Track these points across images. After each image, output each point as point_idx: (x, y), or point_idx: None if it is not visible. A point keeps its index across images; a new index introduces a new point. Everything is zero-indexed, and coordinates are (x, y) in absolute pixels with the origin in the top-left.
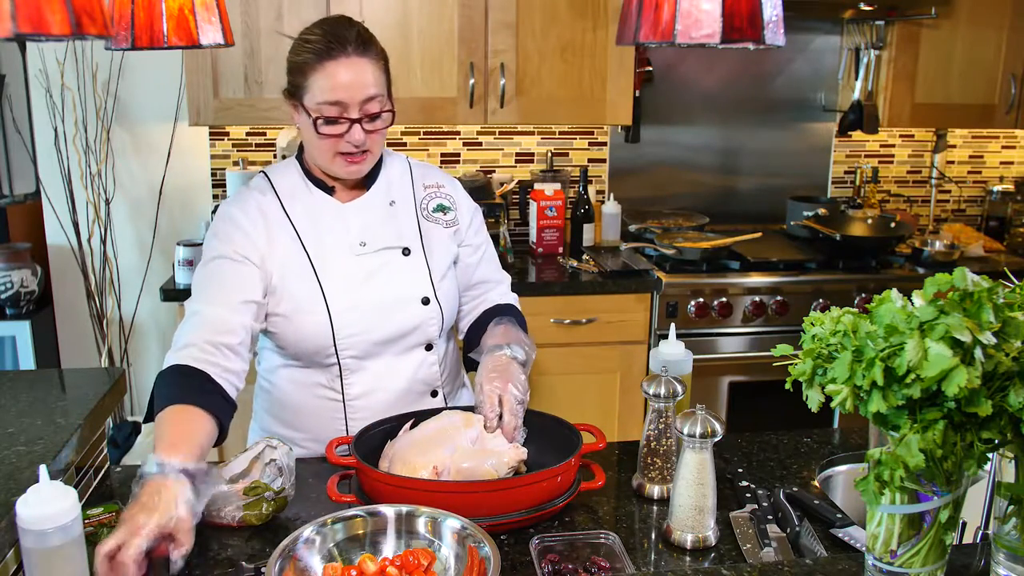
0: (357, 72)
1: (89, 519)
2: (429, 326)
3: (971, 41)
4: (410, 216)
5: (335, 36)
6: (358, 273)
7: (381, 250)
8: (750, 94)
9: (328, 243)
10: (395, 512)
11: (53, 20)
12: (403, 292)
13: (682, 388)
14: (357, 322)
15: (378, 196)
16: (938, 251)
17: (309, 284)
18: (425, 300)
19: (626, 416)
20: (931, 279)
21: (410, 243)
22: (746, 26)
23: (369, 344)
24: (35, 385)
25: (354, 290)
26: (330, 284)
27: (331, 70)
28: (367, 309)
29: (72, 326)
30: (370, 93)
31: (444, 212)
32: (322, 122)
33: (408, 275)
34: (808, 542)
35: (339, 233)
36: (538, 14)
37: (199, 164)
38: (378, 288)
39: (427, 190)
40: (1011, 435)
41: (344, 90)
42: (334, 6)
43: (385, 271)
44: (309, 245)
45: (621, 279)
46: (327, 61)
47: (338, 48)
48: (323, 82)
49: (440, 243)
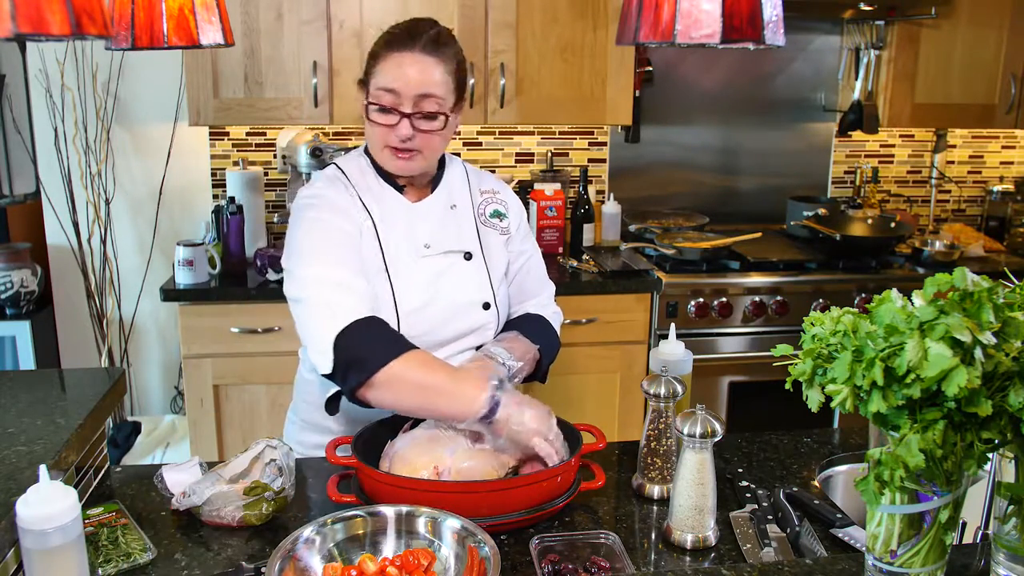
0: (420, 67)
1: (89, 519)
2: (488, 329)
3: (971, 41)
4: (469, 221)
5: (411, 31)
6: (425, 275)
7: (445, 253)
8: (750, 94)
9: (398, 242)
10: (395, 512)
11: (53, 20)
12: (467, 296)
13: (682, 388)
14: (423, 323)
15: (442, 199)
16: (938, 251)
17: (382, 282)
18: (486, 305)
19: (626, 416)
20: (931, 279)
21: (471, 247)
22: (746, 26)
23: (431, 345)
24: (35, 385)
25: (421, 292)
26: (400, 284)
27: (396, 60)
28: (433, 312)
29: (72, 326)
30: (427, 90)
31: (500, 219)
32: (375, 109)
33: (471, 279)
34: (808, 542)
35: (407, 233)
36: (538, 14)
37: (199, 164)
38: (444, 291)
39: (483, 195)
40: (1011, 435)
41: (401, 80)
42: (334, 6)
43: (449, 274)
44: (384, 242)
45: (621, 279)
46: (394, 52)
47: (408, 42)
48: (386, 68)
49: (497, 249)
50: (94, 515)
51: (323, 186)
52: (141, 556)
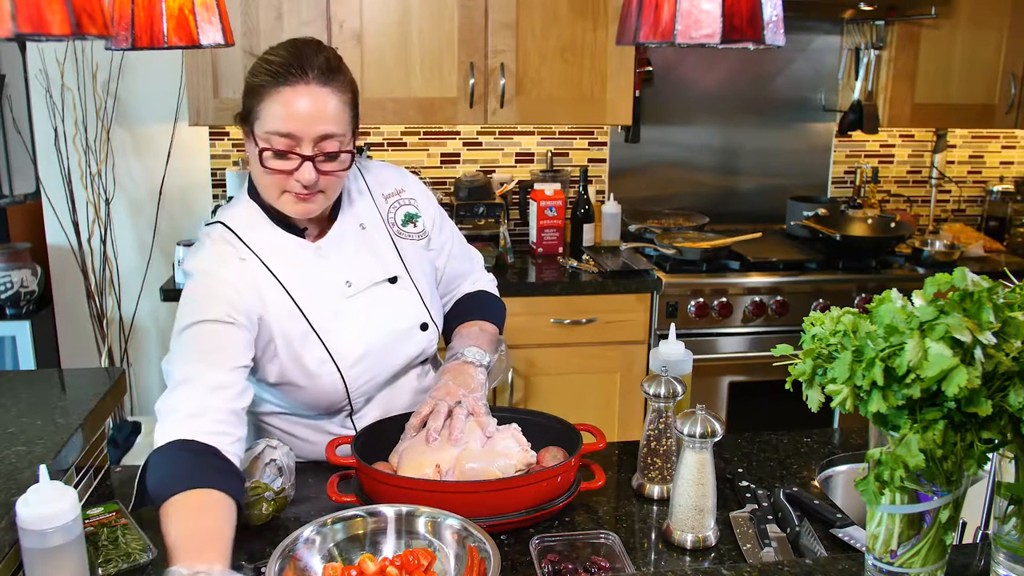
0: (316, 103)
1: (89, 519)
2: (431, 348)
3: (971, 41)
4: (384, 238)
5: (298, 60)
6: (355, 318)
7: (369, 287)
8: (750, 94)
9: (315, 292)
10: (395, 512)
11: (53, 20)
12: (402, 324)
13: (682, 388)
14: (368, 370)
15: (349, 224)
16: (938, 251)
17: (314, 346)
18: (424, 326)
19: (626, 416)
20: (931, 279)
21: (395, 270)
22: (746, 26)
23: (379, 384)
24: (35, 385)
25: (357, 338)
26: (333, 340)
27: (287, 97)
28: (374, 353)
29: (72, 326)
30: (328, 130)
31: (413, 223)
32: (270, 155)
33: (402, 305)
34: (808, 542)
35: (322, 278)
36: (538, 14)
37: (199, 164)
38: (379, 328)
39: (388, 200)
40: (1011, 435)
41: (297, 121)
42: (334, 6)
43: (380, 307)
44: (300, 300)
45: (621, 279)
46: (283, 86)
47: (298, 73)
48: (276, 109)
49: (419, 260)
50: (94, 515)
51: (207, 256)
52: (141, 556)
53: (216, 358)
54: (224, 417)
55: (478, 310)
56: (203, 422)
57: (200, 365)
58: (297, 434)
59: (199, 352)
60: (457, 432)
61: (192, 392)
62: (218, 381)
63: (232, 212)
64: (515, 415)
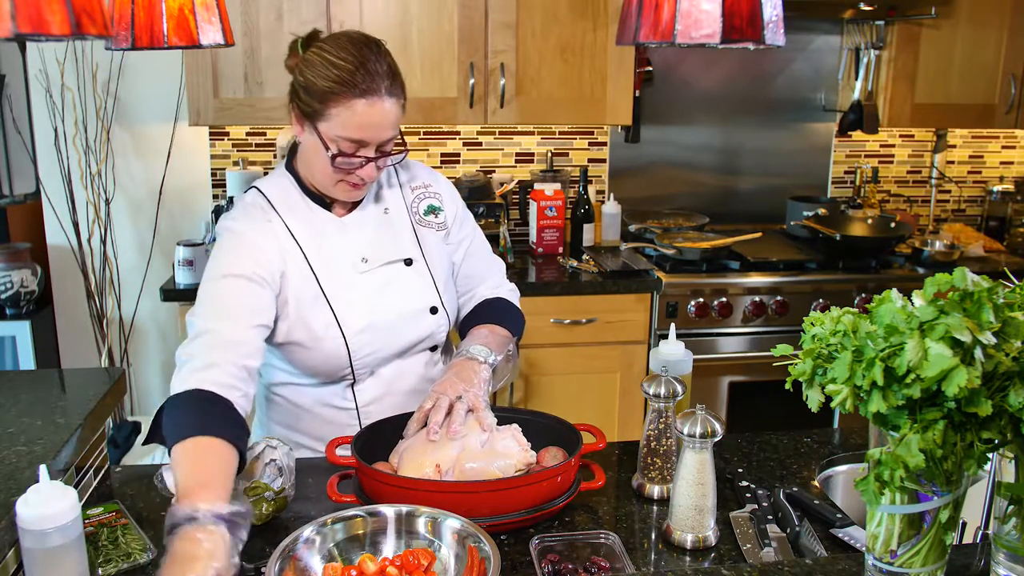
0: (386, 115)
1: (89, 519)
2: (439, 333)
3: (971, 41)
4: (405, 224)
5: (367, 70)
6: (366, 291)
7: (384, 265)
8: (750, 94)
9: (332, 262)
10: (395, 512)
11: (53, 20)
12: (412, 305)
13: (682, 388)
14: (372, 342)
15: (372, 206)
16: (938, 251)
17: (322, 309)
18: (433, 309)
19: (626, 416)
20: (931, 279)
21: (411, 253)
22: (746, 26)
23: (383, 358)
24: (35, 385)
25: (365, 310)
26: (341, 307)
27: (359, 109)
28: (380, 327)
29: (72, 326)
30: (391, 135)
31: (435, 214)
32: (338, 155)
33: (414, 287)
34: (808, 542)
35: (342, 250)
36: (538, 14)
37: (199, 164)
38: (388, 304)
39: (415, 191)
40: (1011, 435)
41: (369, 130)
42: (334, 7)
43: (392, 286)
44: (316, 266)
45: (621, 279)
46: (356, 99)
47: (371, 88)
48: (347, 118)
49: (437, 249)
50: (94, 515)
51: (239, 216)
52: (141, 556)
53: (236, 313)
54: (235, 371)
55: (493, 315)
56: (216, 373)
57: (219, 319)
58: (302, 404)
59: (220, 306)
60: (456, 426)
61: (209, 343)
62: (234, 336)
63: (268, 181)
64: (515, 415)
